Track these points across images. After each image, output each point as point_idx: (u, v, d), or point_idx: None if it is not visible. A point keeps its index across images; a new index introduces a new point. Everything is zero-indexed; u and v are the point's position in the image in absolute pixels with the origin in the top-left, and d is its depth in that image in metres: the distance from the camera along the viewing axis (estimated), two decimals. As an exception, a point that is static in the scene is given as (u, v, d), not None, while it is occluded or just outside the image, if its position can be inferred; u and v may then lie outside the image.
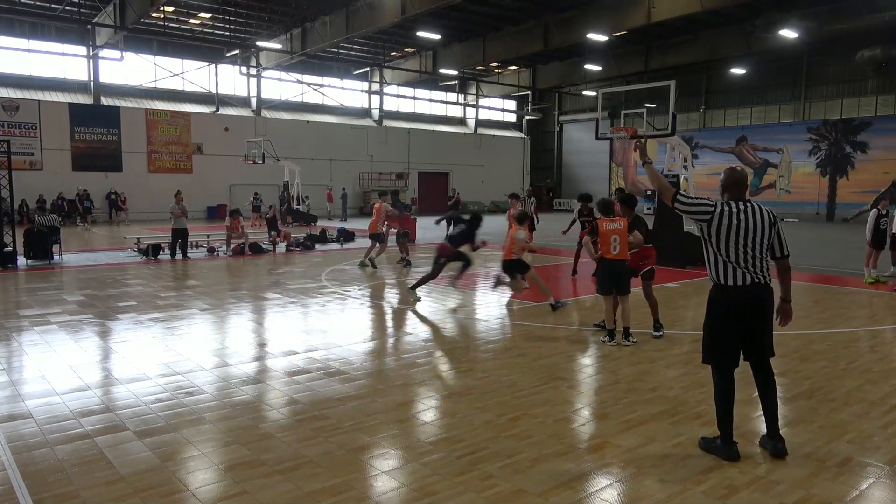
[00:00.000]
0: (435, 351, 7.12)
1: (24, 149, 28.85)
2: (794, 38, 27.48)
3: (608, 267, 7.18)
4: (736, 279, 4.09)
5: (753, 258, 4.08)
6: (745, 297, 4.09)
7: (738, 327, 4.14)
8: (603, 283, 7.30)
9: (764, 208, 4.18)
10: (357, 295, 10.75)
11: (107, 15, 27.09)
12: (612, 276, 7.16)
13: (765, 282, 4.13)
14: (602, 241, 7.18)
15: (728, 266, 4.11)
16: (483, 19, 30.59)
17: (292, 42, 31.90)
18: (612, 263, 7.14)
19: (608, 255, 7.14)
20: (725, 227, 4.07)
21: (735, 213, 4.08)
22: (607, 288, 7.22)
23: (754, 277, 4.08)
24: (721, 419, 4.19)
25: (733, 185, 4.25)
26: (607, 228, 7.14)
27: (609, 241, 7.12)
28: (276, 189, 31.78)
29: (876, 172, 32.29)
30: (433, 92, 44.17)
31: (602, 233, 7.16)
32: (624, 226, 7.17)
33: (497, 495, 3.68)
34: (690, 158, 15.82)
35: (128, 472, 3.95)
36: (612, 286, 7.16)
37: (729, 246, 4.09)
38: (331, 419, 4.88)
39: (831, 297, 10.44)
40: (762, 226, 4.10)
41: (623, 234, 7.14)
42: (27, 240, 14.11)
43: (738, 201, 4.15)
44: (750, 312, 4.13)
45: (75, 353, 6.83)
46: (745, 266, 4.07)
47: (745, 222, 4.06)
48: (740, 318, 4.12)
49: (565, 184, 48.27)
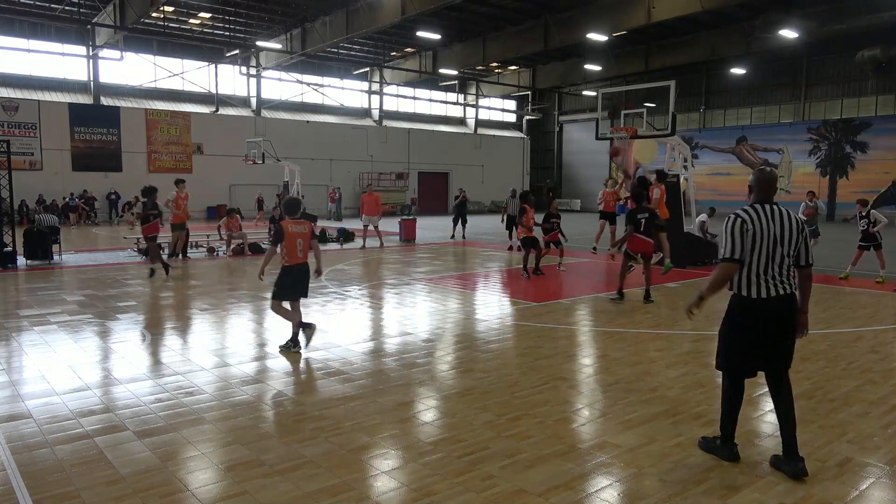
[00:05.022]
0: (435, 351, 7.12)
1: (24, 149, 28.87)
2: (794, 38, 27.48)
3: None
4: (760, 291, 3.84)
5: (780, 266, 3.85)
6: (771, 310, 3.86)
7: (761, 341, 3.91)
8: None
9: (791, 213, 3.94)
10: (357, 295, 10.75)
11: (107, 15, 27.09)
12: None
13: (791, 291, 3.90)
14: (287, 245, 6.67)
15: (753, 276, 3.85)
16: (483, 19, 30.60)
17: (292, 42, 31.90)
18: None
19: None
20: (750, 234, 3.81)
21: (764, 219, 3.83)
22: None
23: (781, 288, 3.85)
24: (724, 420, 4.13)
25: (762, 187, 3.96)
26: (292, 231, 6.66)
27: (295, 246, 6.66)
28: (276, 189, 31.77)
29: (876, 172, 32.31)
30: (433, 92, 44.18)
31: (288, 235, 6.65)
32: (308, 229, 6.72)
33: (497, 495, 3.68)
34: (690, 158, 15.82)
35: (128, 472, 3.95)
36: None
37: (754, 254, 3.83)
38: (331, 419, 4.88)
39: (831, 296, 10.44)
40: (790, 231, 3.86)
41: (306, 236, 6.69)
42: (27, 240, 14.11)
43: (765, 204, 3.90)
44: (774, 325, 3.90)
45: (75, 353, 6.83)
46: (773, 275, 3.84)
47: (774, 228, 3.83)
48: (764, 332, 3.90)
49: (565, 184, 48.28)
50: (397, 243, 20.14)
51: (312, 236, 6.87)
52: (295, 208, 6.94)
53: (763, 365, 4.01)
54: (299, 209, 7.00)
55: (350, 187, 38.20)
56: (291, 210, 6.91)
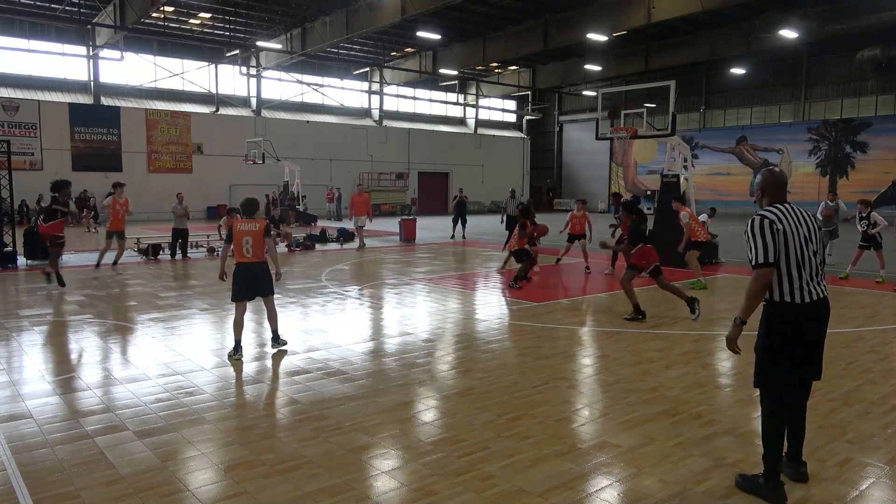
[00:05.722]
0: (435, 351, 7.12)
1: (24, 149, 28.85)
2: (794, 38, 27.48)
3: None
4: (804, 295, 3.58)
5: (813, 267, 3.63)
6: (814, 315, 3.64)
7: (804, 350, 3.66)
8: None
9: (807, 212, 3.78)
10: (357, 295, 10.75)
11: (107, 15, 27.09)
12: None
13: (825, 295, 3.71)
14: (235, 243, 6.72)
15: (795, 279, 3.57)
16: (483, 19, 30.60)
17: (292, 42, 31.90)
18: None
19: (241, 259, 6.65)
20: (781, 234, 3.56)
21: (792, 219, 3.61)
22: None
23: (819, 292, 3.65)
24: (769, 452, 3.64)
25: (776, 188, 3.75)
26: (239, 229, 6.66)
27: (241, 244, 6.64)
28: (276, 189, 31.78)
29: (876, 172, 32.33)
30: (433, 92, 44.18)
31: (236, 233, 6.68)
32: (259, 228, 6.62)
33: (497, 495, 3.68)
34: (690, 158, 15.82)
35: (128, 472, 3.95)
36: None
37: (790, 256, 3.57)
38: (331, 419, 4.88)
39: (831, 296, 10.41)
40: (814, 231, 3.68)
41: (257, 235, 6.60)
42: (27, 240, 14.11)
43: (784, 204, 3.68)
44: (817, 332, 3.69)
45: (75, 353, 6.83)
46: (810, 277, 3.60)
47: (802, 229, 3.61)
48: (807, 339, 3.66)
49: (565, 184, 48.30)
50: (397, 243, 20.15)
51: (266, 235, 6.65)
52: (249, 208, 6.84)
53: (808, 373, 3.72)
54: (255, 210, 6.88)
55: (350, 187, 38.16)
56: (247, 210, 6.84)
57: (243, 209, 6.88)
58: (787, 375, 3.64)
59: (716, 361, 6.62)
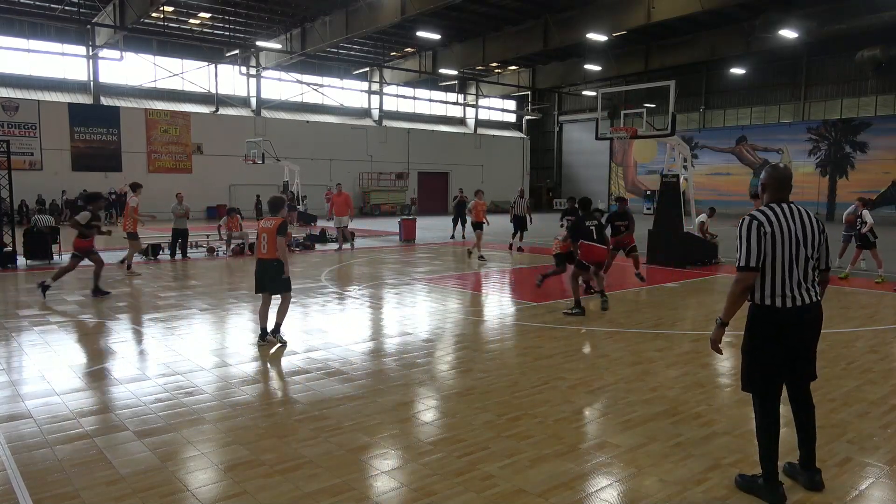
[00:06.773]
0: (435, 351, 7.12)
1: (24, 149, 28.87)
2: (794, 38, 27.48)
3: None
4: (785, 300, 3.51)
5: (805, 271, 3.55)
6: (796, 320, 3.53)
7: (786, 353, 3.59)
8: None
9: (811, 213, 3.65)
10: (357, 295, 10.75)
11: (106, 15, 27.09)
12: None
13: (817, 300, 3.62)
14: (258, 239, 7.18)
15: (778, 284, 3.51)
16: (483, 19, 30.60)
17: (292, 42, 31.90)
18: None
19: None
20: (769, 237, 3.48)
21: (783, 219, 3.52)
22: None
23: (806, 297, 3.55)
24: (764, 454, 3.63)
25: (777, 185, 3.63)
26: (260, 227, 7.07)
27: (261, 240, 7.06)
28: (276, 189, 31.77)
29: (876, 172, 32.31)
30: (433, 92, 44.18)
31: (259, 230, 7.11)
32: (274, 225, 6.91)
33: (497, 495, 3.68)
34: (690, 158, 15.81)
35: (128, 472, 3.95)
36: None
37: (777, 259, 3.49)
38: (331, 419, 4.88)
39: (831, 296, 10.44)
40: (812, 232, 3.57)
41: (271, 232, 6.90)
42: (27, 240, 14.10)
43: (781, 204, 3.58)
44: (802, 335, 3.61)
45: (75, 353, 6.83)
46: (798, 281, 3.53)
47: (795, 229, 3.52)
48: (789, 344, 3.57)
49: (565, 184, 48.28)
50: (397, 243, 20.14)
51: (278, 233, 6.93)
52: (274, 206, 7.23)
53: (788, 376, 3.67)
54: (280, 208, 7.21)
55: (350, 187, 38.15)
56: (272, 207, 7.25)
57: (269, 206, 7.32)
58: (768, 377, 3.61)
59: (715, 361, 6.62)
